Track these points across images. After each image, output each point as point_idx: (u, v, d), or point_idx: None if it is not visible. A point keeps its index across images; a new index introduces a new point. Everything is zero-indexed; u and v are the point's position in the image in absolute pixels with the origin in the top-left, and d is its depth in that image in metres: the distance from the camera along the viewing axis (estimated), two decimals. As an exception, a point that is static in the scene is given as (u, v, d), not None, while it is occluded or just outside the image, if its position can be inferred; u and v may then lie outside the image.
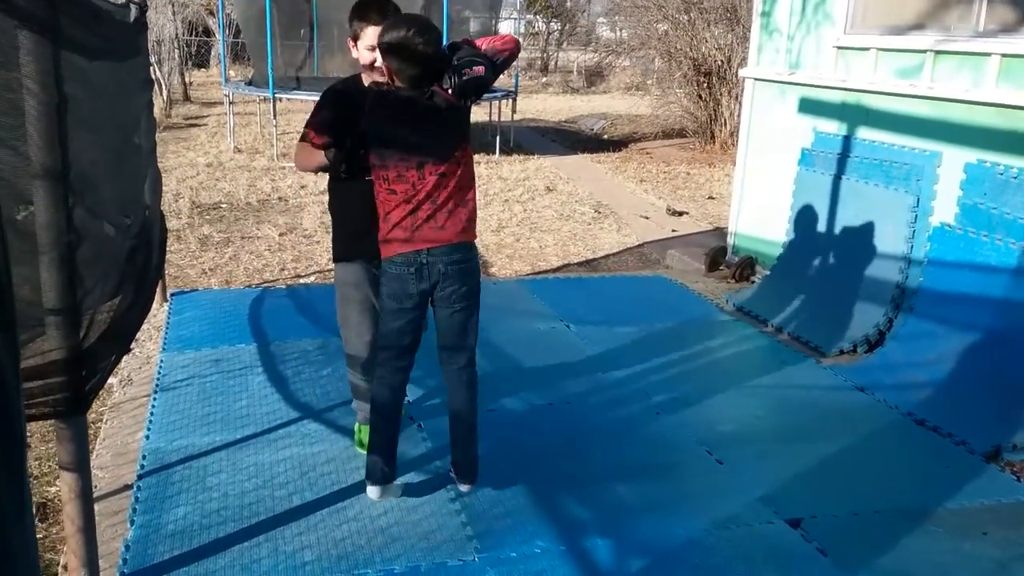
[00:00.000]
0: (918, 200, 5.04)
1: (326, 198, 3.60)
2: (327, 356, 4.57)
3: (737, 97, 14.16)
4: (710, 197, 10.47)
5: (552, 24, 32.90)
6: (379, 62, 2.98)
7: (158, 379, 4.24)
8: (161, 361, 4.46)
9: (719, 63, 14.13)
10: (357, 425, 3.66)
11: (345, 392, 4.13)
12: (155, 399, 4.02)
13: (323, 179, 11.02)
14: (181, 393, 4.10)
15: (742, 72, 6.84)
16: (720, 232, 8.47)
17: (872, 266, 5.24)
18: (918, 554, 3.04)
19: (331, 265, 7.05)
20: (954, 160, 4.85)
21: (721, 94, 14.20)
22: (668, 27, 15.30)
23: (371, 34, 3.08)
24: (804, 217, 5.91)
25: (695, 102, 14.39)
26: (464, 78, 2.83)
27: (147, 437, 3.67)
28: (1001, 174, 4.52)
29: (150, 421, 3.81)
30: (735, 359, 5.01)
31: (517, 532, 3.06)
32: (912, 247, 5.06)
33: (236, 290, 5.80)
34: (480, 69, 2.84)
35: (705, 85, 14.28)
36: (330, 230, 3.66)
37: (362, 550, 2.90)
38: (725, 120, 14.25)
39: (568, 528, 3.11)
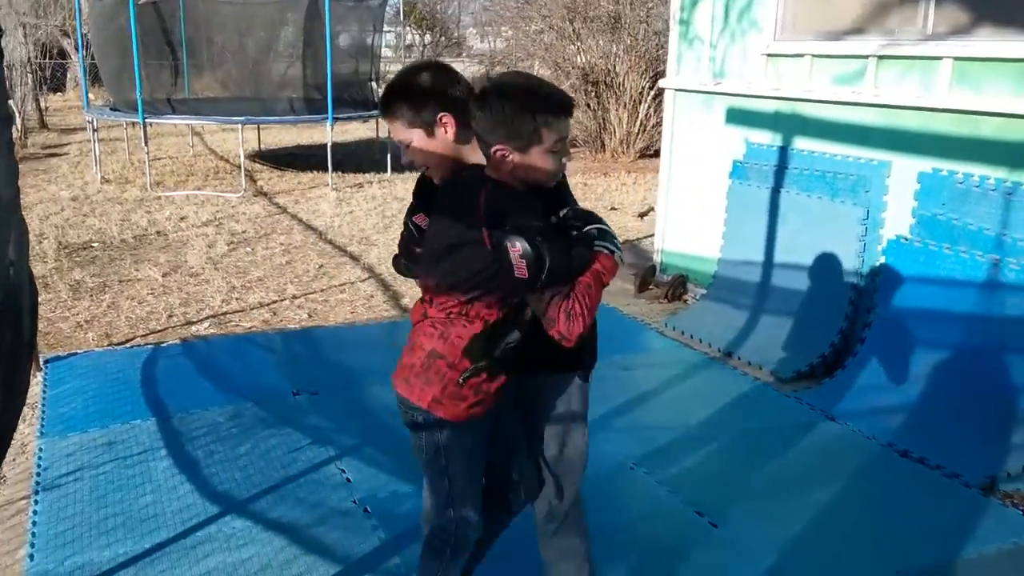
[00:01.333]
0: (868, 212, 4.79)
1: (211, 232, 2.88)
2: (242, 428, 3.92)
3: (625, 105, 14.08)
4: (612, 208, 10.20)
5: (426, 36, 32.39)
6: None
7: (38, 474, 3.50)
8: (40, 449, 3.71)
9: (605, 72, 13.98)
10: None
11: (271, 476, 3.52)
12: (36, 502, 3.29)
13: (205, 210, 10.11)
14: (69, 492, 3.37)
15: (662, 82, 6.51)
16: (631, 245, 8.18)
17: (821, 282, 4.97)
18: (963, 625, 2.70)
19: (224, 308, 6.47)
20: (906, 169, 4.62)
21: (609, 103, 14.06)
22: (554, 36, 15.07)
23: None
24: (740, 232, 5.62)
25: (584, 112, 14.19)
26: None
27: (30, 557, 2.96)
28: (961, 183, 4.30)
29: (33, 534, 3.09)
30: (693, 393, 4.63)
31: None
32: (864, 261, 4.81)
33: (123, 351, 5.02)
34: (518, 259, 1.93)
35: (593, 94, 14.10)
36: (219, 268, 2.95)
37: None
38: (614, 129, 14.13)
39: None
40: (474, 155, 2.12)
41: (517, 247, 1.91)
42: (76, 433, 3.85)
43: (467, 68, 27.20)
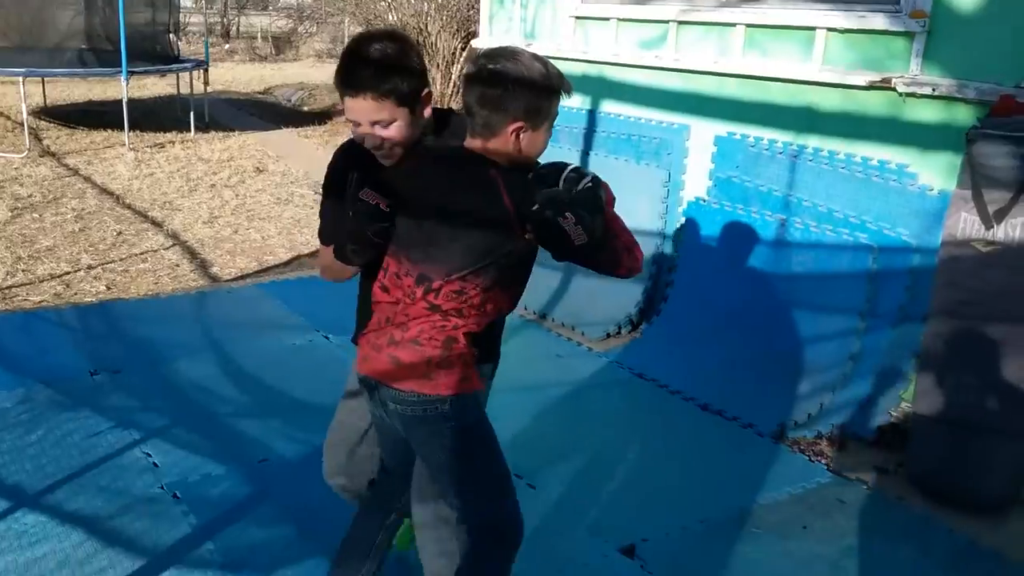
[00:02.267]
0: (669, 175, 5.01)
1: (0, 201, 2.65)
2: (33, 414, 3.63)
3: (438, 66, 13.98)
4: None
5: (230, -15, 30.66)
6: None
7: None
8: None
9: (417, 31, 13.79)
10: None
11: (67, 465, 3.28)
12: None
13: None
14: None
15: (473, 43, 6.50)
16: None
17: (629, 243, 5.16)
18: (757, 566, 2.92)
19: (9, 281, 5.92)
20: (704, 133, 4.85)
21: (427, 68, 13.89)
22: (363, -8, 14.69)
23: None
24: (553, 195, 5.72)
25: (398, 70, 13.94)
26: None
27: None
28: (752, 146, 4.57)
29: None
30: (511, 355, 4.65)
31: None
32: (666, 223, 5.04)
33: None
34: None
35: (406, 53, 13.88)
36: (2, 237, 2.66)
37: None
38: (453, 94, 14.00)
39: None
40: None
41: (568, 217, 1.91)
42: None
43: (274, 22, 26.11)
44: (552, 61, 2.10)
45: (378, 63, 2.01)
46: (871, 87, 3.99)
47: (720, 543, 3.03)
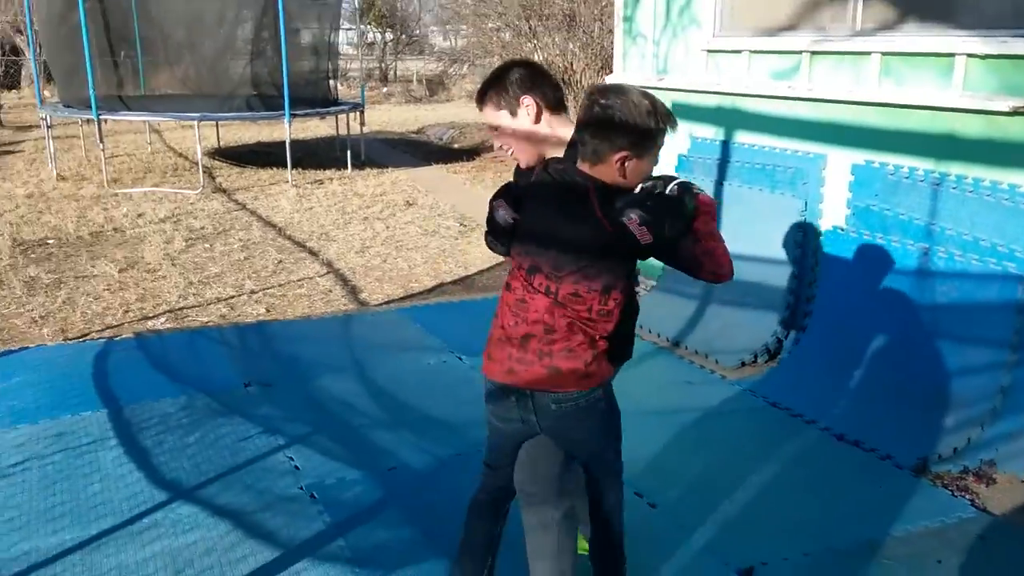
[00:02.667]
0: (806, 204, 4.94)
1: (168, 228, 2.92)
2: (193, 418, 3.97)
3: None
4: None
5: (387, 34, 32.30)
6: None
7: (-14, 465, 3.53)
8: (-13, 442, 3.74)
9: (562, 68, 14.09)
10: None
11: (219, 464, 3.58)
12: (-17, 492, 3.33)
13: (162, 207, 10.08)
14: (18, 481, 3.41)
15: (608, 78, 6.63)
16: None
17: (763, 273, 5.10)
18: (881, 594, 2.83)
19: (181, 304, 6.48)
20: (840, 162, 4.77)
21: (567, 100, 14.16)
22: (510, 34, 15.17)
23: None
24: (688, 225, 5.74)
25: (543, 109, 14.28)
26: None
27: (-24, 545, 3.00)
28: (892, 174, 4.46)
29: (-21, 523, 3.12)
30: (642, 381, 4.72)
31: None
32: (803, 252, 4.96)
33: (75, 344, 5.04)
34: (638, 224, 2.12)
35: (552, 92, 14.20)
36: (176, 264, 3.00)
37: (265, 671, 2.40)
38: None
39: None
40: (550, 136, 2.39)
41: (633, 218, 2.11)
42: (26, 424, 3.88)
43: (426, 65, 27.20)
44: (685, 93, 2.27)
45: (484, 82, 2.46)
46: (1015, 113, 3.84)
47: (842, 571, 2.95)
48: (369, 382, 4.49)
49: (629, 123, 2.13)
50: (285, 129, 11.11)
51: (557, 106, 2.43)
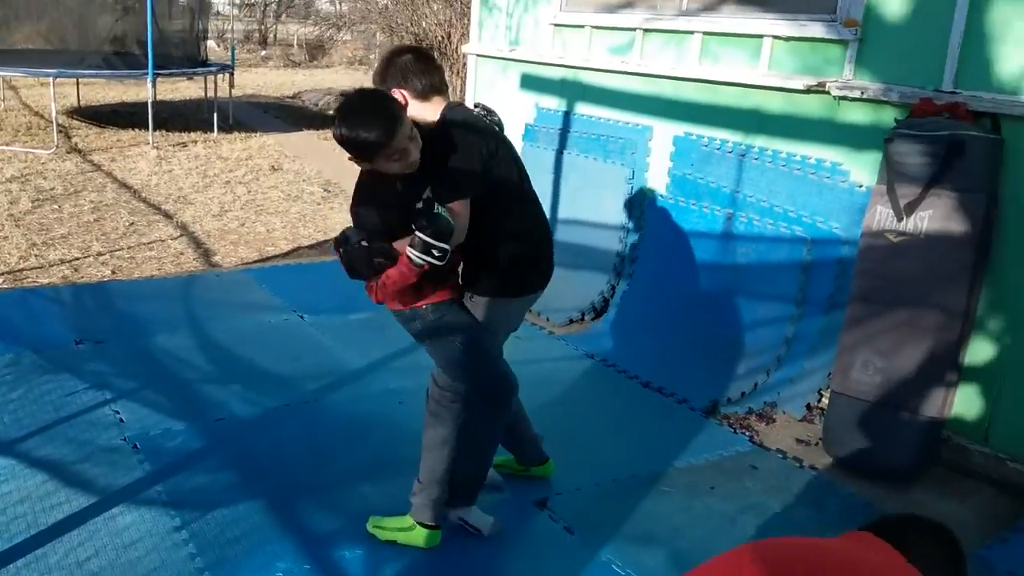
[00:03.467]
0: (633, 172, 5.26)
1: (15, 188, 2.97)
2: (18, 375, 3.98)
3: (458, 72, 14.31)
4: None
5: (269, -6, 31.40)
6: None
7: None
8: None
9: (439, 38, 14.14)
10: (426, 534, 2.92)
11: (41, 419, 3.62)
12: None
13: (11, 166, 9.62)
14: None
15: (464, 48, 6.81)
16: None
17: (596, 237, 5.42)
18: (656, 517, 3.16)
19: (21, 265, 6.34)
20: (665, 133, 5.10)
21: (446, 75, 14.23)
22: (389, 1, 15.11)
23: None
24: (531, 191, 5.99)
25: (419, 76, 14.31)
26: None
27: None
28: (706, 146, 4.81)
29: None
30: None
31: (255, 556, 2.80)
32: (629, 218, 5.28)
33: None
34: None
35: (428, 60, 14.24)
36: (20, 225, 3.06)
37: (69, 603, 2.52)
38: (448, 95, 14.32)
39: (313, 543, 2.89)
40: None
41: (338, 253, 2.64)
42: None
43: (308, 30, 26.65)
44: (533, 65, 2.49)
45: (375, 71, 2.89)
46: (809, 91, 4.22)
47: (627, 498, 3.27)
48: (205, 339, 4.57)
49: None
50: (148, 88, 10.82)
51: (429, 93, 2.69)
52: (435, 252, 2.50)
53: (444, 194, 2.56)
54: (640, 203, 5.22)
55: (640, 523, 3.12)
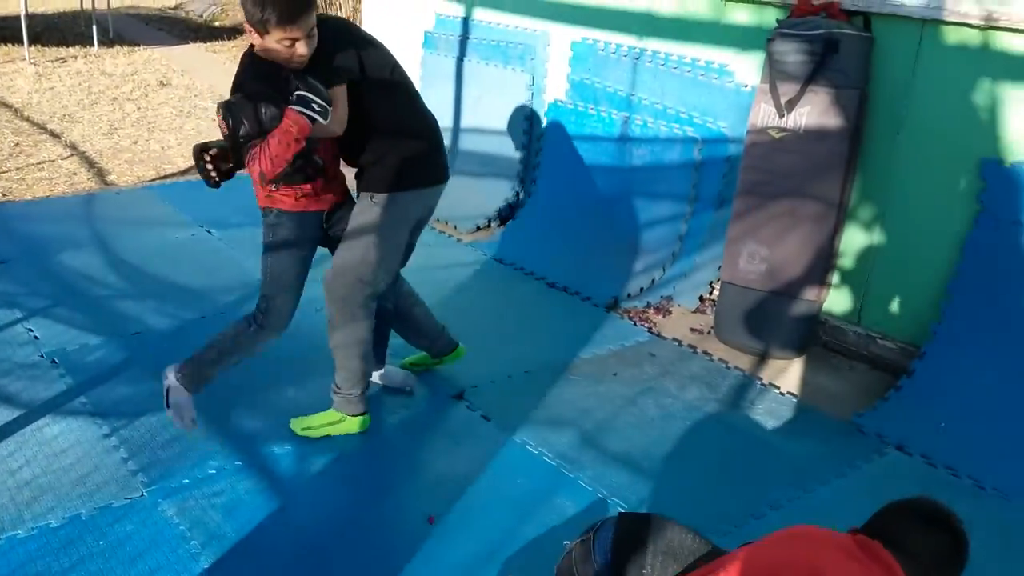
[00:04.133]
0: (533, 78, 5.37)
1: None
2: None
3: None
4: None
5: None
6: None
7: None
8: None
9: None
10: (359, 419, 3.13)
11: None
12: None
13: None
14: None
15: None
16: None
17: (499, 145, 5.54)
18: (565, 403, 3.41)
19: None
20: (562, 38, 5.21)
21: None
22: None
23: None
24: (432, 101, 5.90)
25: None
26: None
27: None
28: (602, 50, 4.95)
29: None
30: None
31: (187, 457, 2.92)
32: (531, 123, 5.42)
33: None
34: None
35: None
36: None
37: (6, 510, 2.60)
38: (340, 5, 13.98)
39: (242, 441, 3.03)
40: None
41: (220, 112, 2.64)
42: None
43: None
44: None
45: None
46: (699, -8, 4.38)
47: (537, 387, 3.51)
48: (113, 257, 4.55)
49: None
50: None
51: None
52: (315, 106, 2.58)
53: (321, 79, 2.65)
54: (541, 108, 5.35)
55: (550, 408, 3.37)
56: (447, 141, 5.75)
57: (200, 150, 2.81)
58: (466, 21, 5.84)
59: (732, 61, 4.34)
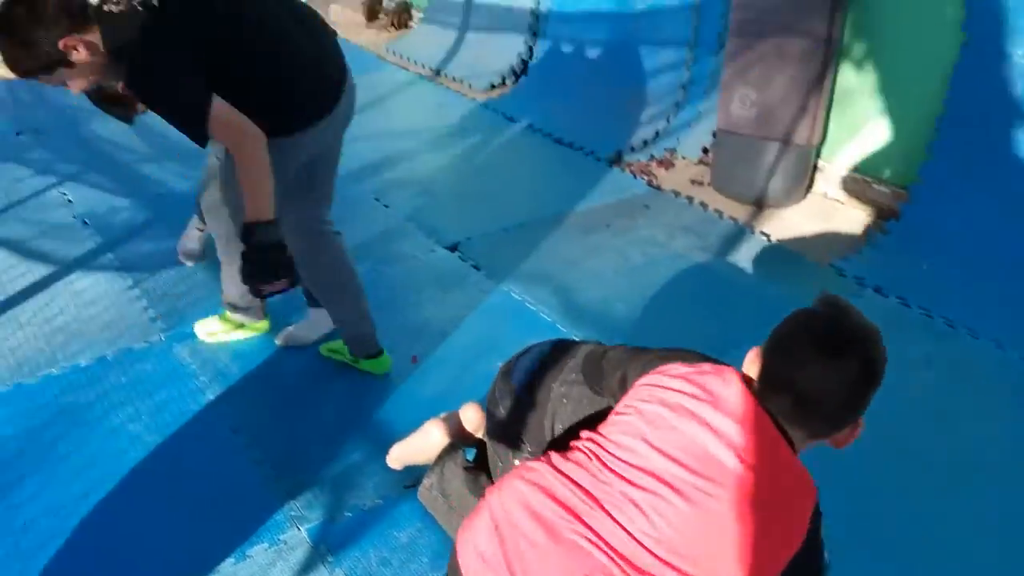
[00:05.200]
0: (542, -65, 5.28)
1: None
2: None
3: None
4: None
5: None
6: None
7: None
8: None
9: None
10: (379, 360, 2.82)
11: None
12: None
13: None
14: None
15: None
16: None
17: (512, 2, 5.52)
18: (554, 253, 3.58)
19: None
20: None
21: None
22: None
23: None
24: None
25: None
26: None
27: None
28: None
29: None
30: (397, 105, 5.23)
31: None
32: (543, -24, 5.37)
33: None
34: None
35: None
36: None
37: (42, 352, 2.93)
38: None
39: (249, 292, 3.29)
40: None
41: None
42: None
43: None
44: None
45: None
46: None
47: (529, 238, 3.69)
48: (139, 125, 4.72)
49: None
50: None
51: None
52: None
53: (190, 134, 2.12)
54: (551, -36, 5.29)
55: (539, 259, 3.55)
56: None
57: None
58: None
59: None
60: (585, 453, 1.43)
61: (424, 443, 2.07)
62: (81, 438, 2.53)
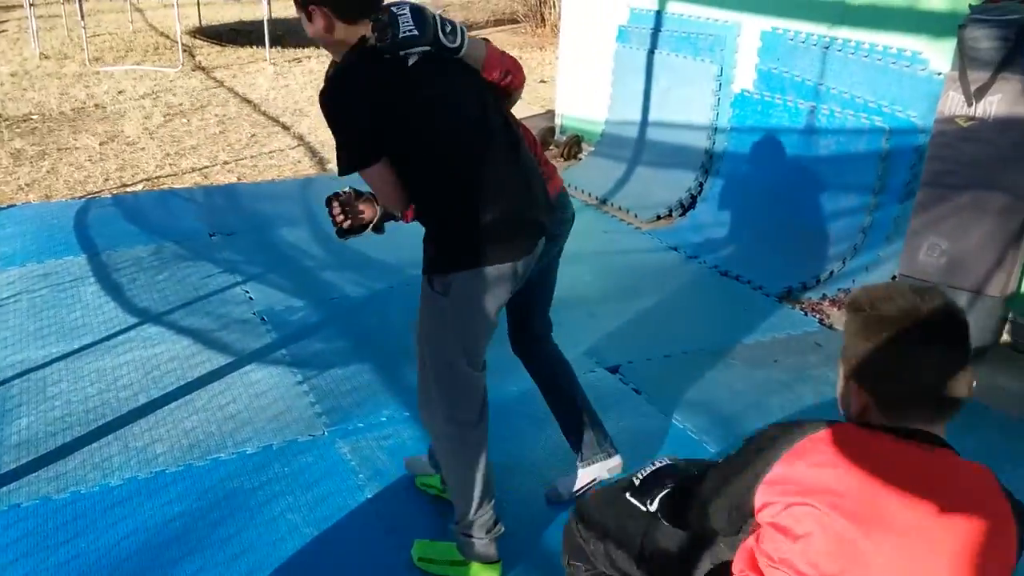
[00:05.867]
0: (721, 69, 5.38)
1: (148, 104, 3.00)
2: (162, 261, 4.57)
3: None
4: (542, 81, 10.63)
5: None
6: None
7: (-19, 299, 4.14)
8: (-18, 281, 4.34)
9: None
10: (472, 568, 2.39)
11: (184, 296, 4.18)
12: (-20, 319, 3.94)
13: (142, 84, 10.30)
14: (10, 310, 4.02)
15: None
16: (551, 114, 8.71)
17: (684, 135, 5.60)
18: (717, 384, 3.46)
19: (158, 173, 6.98)
20: (752, 29, 5.19)
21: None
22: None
23: None
24: (622, 92, 6.19)
25: (526, -13, 14.41)
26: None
27: (-25, 356, 3.62)
28: (791, 39, 4.89)
29: (-24, 341, 3.75)
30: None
31: (363, 406, 3.26)
32: (717, 114, 5.43)
33: (59, 202, 5.59)
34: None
35: (535, -31, 14.29)
36: (155, 137, 3.37)
37: (213, 437, 3.03)
38: (554, 2, 14.35)
39: (412, 395, 3.32)
40: (337, 43, 2.16)
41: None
42: (15, 267, 4.47)
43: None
44: None
45: None
46: (892, -22, 4.25)
47: (693, 366, 3.58)
48: (321, 232, 5.06)
49: None
50: (264, 7, 11.33)
51: (354, 14, 2.09)
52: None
53: (340, 167, 2.22)
54: (727, 99, 5.35)
55: (702, 388, 3.43)
56: (636, 132, 5.94)
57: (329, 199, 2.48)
58: (659, 14, 5.92)
59: (925, 49, 4.18)
60: None
61: None
62: (242, 523, 2.56)
